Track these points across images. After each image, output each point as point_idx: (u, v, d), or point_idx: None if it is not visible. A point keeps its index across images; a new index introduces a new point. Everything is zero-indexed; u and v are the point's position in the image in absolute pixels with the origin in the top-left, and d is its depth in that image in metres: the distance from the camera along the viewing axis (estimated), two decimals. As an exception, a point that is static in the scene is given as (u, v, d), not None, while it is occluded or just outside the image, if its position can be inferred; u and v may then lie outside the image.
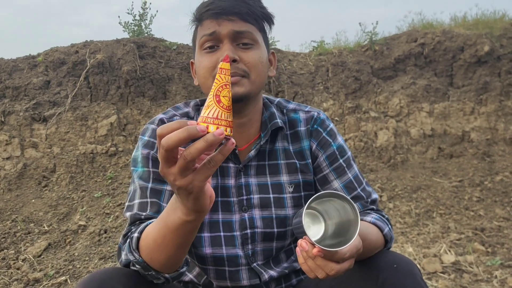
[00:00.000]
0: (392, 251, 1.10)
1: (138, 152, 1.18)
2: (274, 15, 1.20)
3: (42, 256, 3.16)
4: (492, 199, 3.97)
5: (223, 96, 0.74)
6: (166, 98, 5.05)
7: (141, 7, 5.86)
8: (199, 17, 1.15)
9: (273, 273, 1.22)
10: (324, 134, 1.24)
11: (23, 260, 3.09)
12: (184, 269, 1.02)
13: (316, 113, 1.27)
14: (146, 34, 5.83)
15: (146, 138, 1.19)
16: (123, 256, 1.02)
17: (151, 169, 1.14)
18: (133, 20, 5.91)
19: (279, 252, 1.26)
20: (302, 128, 1.25)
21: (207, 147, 0.68)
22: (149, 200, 1.10)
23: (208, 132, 0.69)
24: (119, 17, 7.18)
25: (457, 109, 4.98)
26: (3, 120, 4.67)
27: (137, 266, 0.98)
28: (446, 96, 5.09)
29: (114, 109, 4.81)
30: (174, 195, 0.82)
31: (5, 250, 3.26)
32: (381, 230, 1.12)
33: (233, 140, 0.73)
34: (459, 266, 2.85)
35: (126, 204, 1.14)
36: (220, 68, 0.75)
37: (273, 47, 5.55)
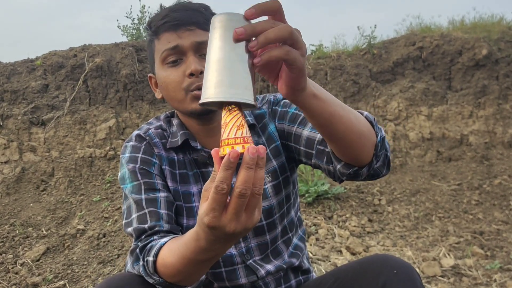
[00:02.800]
0: (392, 256, 1.10)
1: (124, 169, 1.19)
2: None
3: (40, 261, 3.15)
4: (490, 202, 3.97)
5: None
6: (164, 101, 5.05)
7: (140, 10, 5.88)
8: (156, 30, 1.15)
9: (269, 267, 1.23)
10: (280, 108, 1.27)
11: (21, 265, 3.08)
12: (204, 276, 1.03)
13: (272, 97, 1.31)
14: (144, 38, 5.83)
15: (127, 155, 1.21)
16: (133, 271, 1.03)
17: (141, 181, 1.15)
18: (131, 24, 5.92)
19: (277, 243, 1.27)
20: (267, 117, 1.28)
21: (253, 172, 0.67)
22: (146, 210, 1.11)
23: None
24: (117, 20, 7.18)
25: (456, 113, 4.99)
26: (1, 124, 4.66)
27: (157, 285, 1.00)
28: (445, 100, 5.10)
29: (113, 112, 4.81)
30: (203, 238, 0.78)
31: (4, 255, 3.24)
32: (361, 113, 1.01)
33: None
34: (458, 269, 2.85)
35: (124, 222, 1.14)
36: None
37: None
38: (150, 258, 0.97)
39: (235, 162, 0.66)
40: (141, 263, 1.00)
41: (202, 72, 1.10)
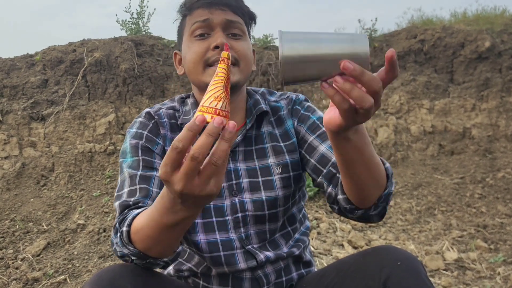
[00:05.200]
0: (396, 247, 1.07)
1: (127, 143, 1.19)
2: (256, 15, 1.26)
3: (41, 255, 3.14)
4: (494, 195, 3.95)
5: (230, 89, 0.77)
6: (164, 96, 5.02)
7: (139, 5, 5.83)
8: (189, 7, 1.18)
9: (269, 254, 1.21)
10: (302, 111, 1.28)
11: (22, 260, 3.06)
12: (180, 248, 1.02)
13: (294, 96, 1.32)
14: (143, 32, 5.79)
15: (134, 130, 1.21)
16: (117, 250, 1.01)
17: (140, 157, 1.15)
18: (130, 19, 5.88)
19: (275, 235, 1.25)
20: (284, 112, 1.29)
21: (213, 141, 0.70)
22: (138, 186, 1.10)
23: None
24: (116, 15, 7.14)
25: (458, 106, 4.95)
26: (1, 119, 4.64)
27: (133, 257, 0.97)
28: (447, 93, 5.06)
29: (112, 107, 4.78)
30: (166, 195, 0.81)
31: (4, 250, 3.23)
32: (383, 163, 1.04)
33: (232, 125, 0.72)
34: (462, 263, 2.83)
35: (115, 194, 1.14)
36: (224, 57, 0.76)
37: (271, 44, 5.52)
38: (124, 228, 0.96)
39: (199, 126, 0.69)
40: (118, 235, 0.99)
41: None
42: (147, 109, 1.26)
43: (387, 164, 1.03)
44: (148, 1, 5.84)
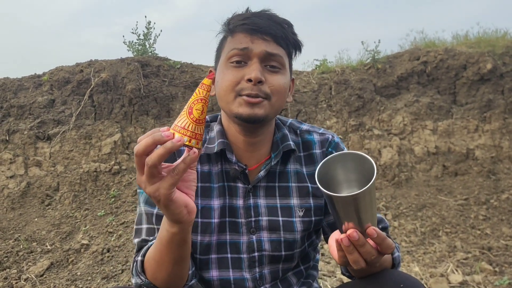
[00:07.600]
0: (399, 270, 1.08)
1: None
2: (303, 43, 1.18)
3: (44, 276, 3.13)
4: (498, 217, 3.93)
5: (196, 109, 0.79)
6: (169, 116, 5.07)
7: (146, 26, 5.94)
8: (232, 29, 1.12)
9: None
10: None
11: (25, 280, 3.06)
12: (193, 281, 1.05)
13: (330, 136, 1.26)
14: (150, 53, 5.88)
15: None
16: (133, 280, 1.06)
17: None
18: (137, 40, 5.97)
19: (287, 274, 1.23)
20: (317, 151, 1.23)
21: (166, 152, 0.75)
22: (155, 226, 1.11)
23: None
24: (123, 36, 7.23)
25: (461, 127, 4.97)
26: (7, 138, 4.69)
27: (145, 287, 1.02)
28: (450, 114, 5.09)
29: (118, 127, 4.83)
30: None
31: (8, 270, 3.23)
32: (392, 253, 1.10)
33: (195, 150, 0.79)
34: (467, 286, 2.81)
35: (135, 227, 1.15)
36: (203, 83, 0.80)
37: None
38: (139, 258, 1.02)
39: (160, 140, 0.76)
40: (134, 264, 1.04)
41: (260, 82, 1.06)
42: None
43: (397, 254, 1.11)
44: (155, 23, 5.92)
